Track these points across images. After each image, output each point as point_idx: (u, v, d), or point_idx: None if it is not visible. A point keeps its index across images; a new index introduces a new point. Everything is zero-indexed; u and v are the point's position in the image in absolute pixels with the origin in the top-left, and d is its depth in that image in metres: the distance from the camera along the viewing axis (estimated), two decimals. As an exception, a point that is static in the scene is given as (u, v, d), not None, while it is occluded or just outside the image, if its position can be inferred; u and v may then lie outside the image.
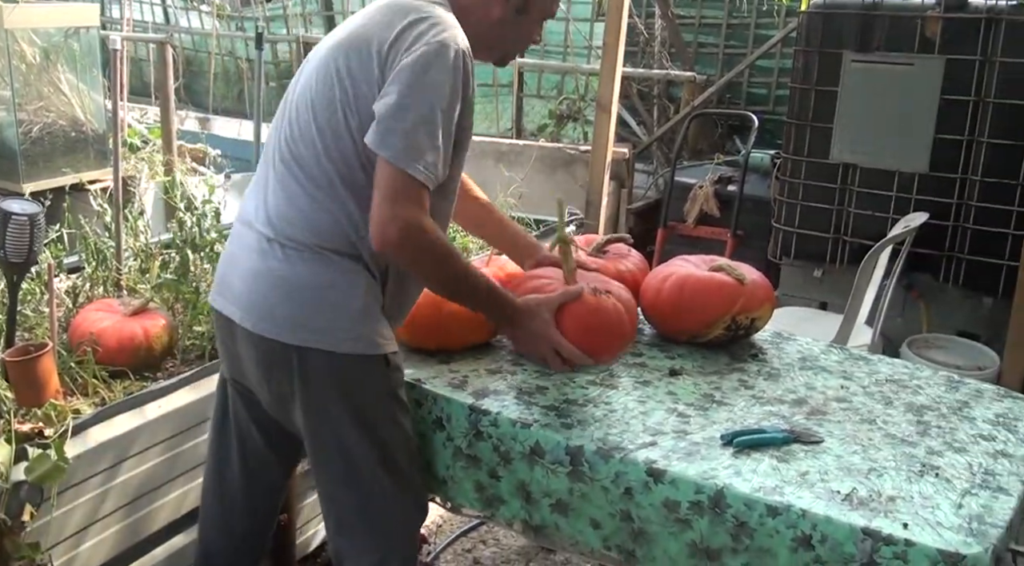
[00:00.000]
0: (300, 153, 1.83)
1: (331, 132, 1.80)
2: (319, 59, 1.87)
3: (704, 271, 2.33)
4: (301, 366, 1.82)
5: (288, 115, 1.89)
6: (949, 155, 3.88)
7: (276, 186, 1.86)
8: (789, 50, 5.75)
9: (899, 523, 1.57)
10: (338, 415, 1.86)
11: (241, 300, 1.86)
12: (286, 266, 1.81)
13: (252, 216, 1.89)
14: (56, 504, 1.93)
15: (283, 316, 1.81)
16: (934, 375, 2.26)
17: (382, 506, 1.92)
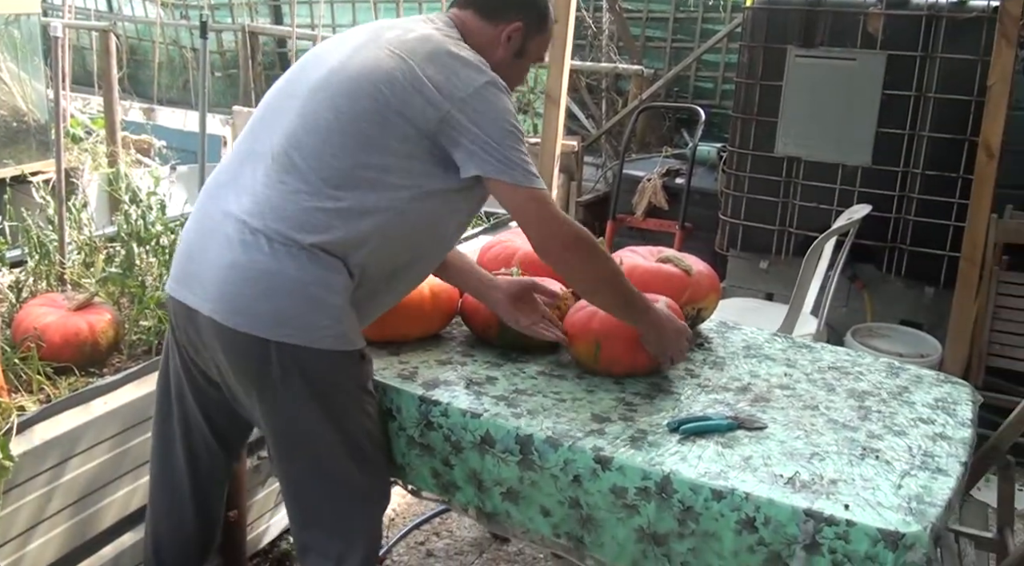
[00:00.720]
0: (311, 151, 1.82)
1: (363, 141, 1.82)
2: (357, 76, 1.85)
3: (651, 262, 2.36)
4: (280, 361, 1.80)
5: (301, 110, 1.87)
6: (891, 149, 3.97)
7: (273, 179, 1.83)
8: (735, 45, 5.82)
9: (840, 504, 1.61)
10: (311, 409, 1.85)
11: (212, 292, 1.82)
12: (271, 260, 1.78)
13: (233, 207, 1.84)
14: (2, 504, 1.90)
15: (263, 311, 1.79)
16: (875, 362, 2.31)
17: (348, 496, 1.93)
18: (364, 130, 1.82)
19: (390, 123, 1.82)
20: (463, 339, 2.31)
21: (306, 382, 1.83)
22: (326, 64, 1.91)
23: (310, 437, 1.88)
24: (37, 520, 2.03)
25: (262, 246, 1.79)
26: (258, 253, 1.79)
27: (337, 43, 1.99)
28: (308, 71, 1.94)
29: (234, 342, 1.81)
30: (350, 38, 1.97)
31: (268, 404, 1.86)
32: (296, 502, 1.97)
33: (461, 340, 2.30)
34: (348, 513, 1.94)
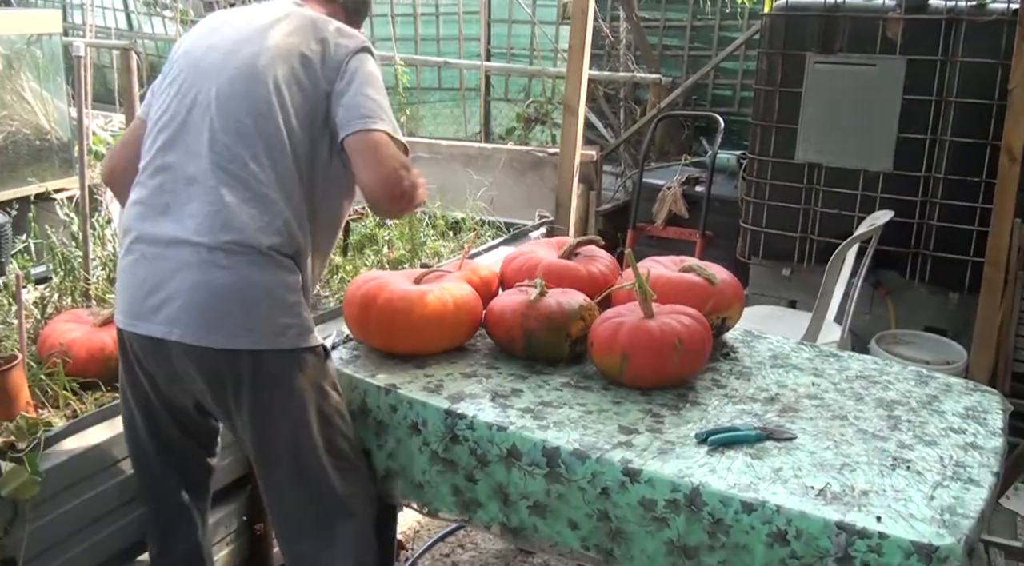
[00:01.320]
0: (235, 159, 1.88)
1: (274, 137, 1.89)
2: (242, 68, 1.93)
3: (674, 272, 2.35)
4: (255, 368, 1.86)
5: (206, 124, 1.91)
6: (913, 154, 3.94)
7: (209, 195, 1.86)
8: (753, 52, 5.79)
9: (872, 516, 1.60)
10: (287, 414, 1.91)
11: (182, 319, 1.84)
12: (229, 273, 1.83)
13: (177, 232, 1.87)
14: (30, 518, 1.91)
15: (231, 323, 1.84)
16: (903, 370, 2.29)
17: (333, 504, 1.97)
18: (282, 127, 1.90)
19: (299, 113, 1.92)
20: (487, 351, 2.30)
21: (279, 386, 1.89)
22: (222, 70, 1.95)
23: (290, 444, 1.92)
24: (64, 536, 2.04)
25: (220, 261, 1.83)
26: (218, 269, 1.83)
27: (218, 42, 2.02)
28: (203, 81, 1.95)
29: (211, 361, 1.86)
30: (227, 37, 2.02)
31: (246, 415, 1.90)
32: (281, 513, 2.00)
33: (485, 352, 2.30)
34: (334, 521, 1.97)
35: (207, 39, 2.04)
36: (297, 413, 1.91)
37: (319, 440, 1.94)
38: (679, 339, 2.03)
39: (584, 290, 2.29)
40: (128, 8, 9.97)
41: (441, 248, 3.70)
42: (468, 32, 7.62)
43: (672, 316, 2.10)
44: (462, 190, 4.34)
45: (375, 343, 2.25)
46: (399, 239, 3.64)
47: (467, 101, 7.44)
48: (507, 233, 3.91)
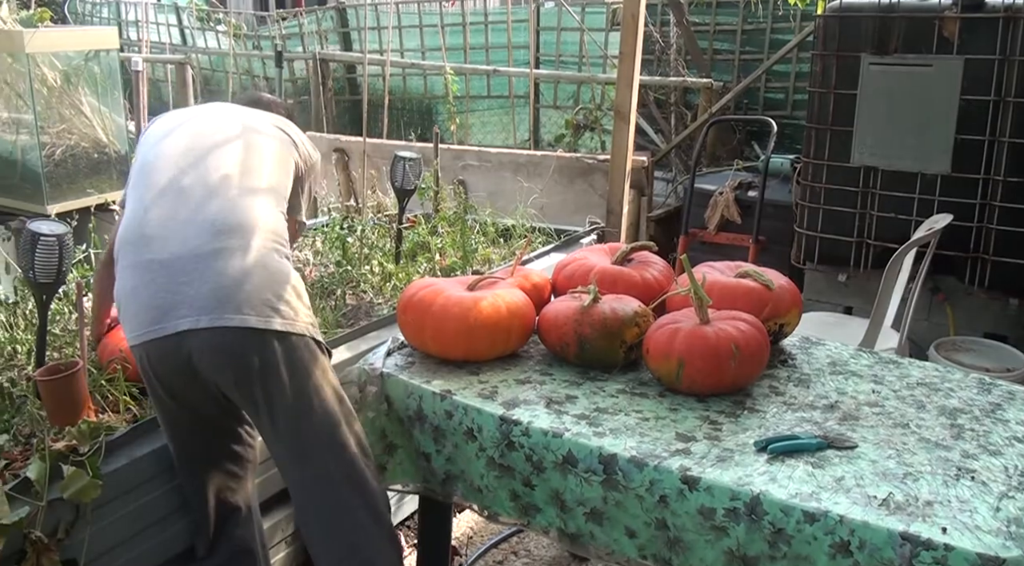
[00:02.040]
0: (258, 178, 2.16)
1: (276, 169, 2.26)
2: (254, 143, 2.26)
3: (730, 278, 2.33)
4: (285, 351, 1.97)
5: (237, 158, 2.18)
6: (971, 155, 3.86)
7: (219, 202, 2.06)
8: (805, 54, 5.73)
9: (937, 527, 1.56)
10: (320, 392, 2.02)
11: (204, 305, 1.94)
12: (258, 259, 2.00)
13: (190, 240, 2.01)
14: (91, 521, 1.95)
15: (258, 302, 1.96)
16: (965, 378, 2.24)
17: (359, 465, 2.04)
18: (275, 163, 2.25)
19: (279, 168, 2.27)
20: (540, 357, 2.30)
21: (310, 367, 1.97)
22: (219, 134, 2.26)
23: (323, 419, 2.00)
24: (125, 537, 2.07)
25: (247, 248, 1.98)
26: (244, 256, 1.99)
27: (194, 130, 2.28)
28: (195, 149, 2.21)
29: (232, 342, 1.93)
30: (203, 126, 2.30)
31: (275, 400, 1.96)
32: (308, 513, 2.04)
33: (538, 358, 2.29)
34: (364, 522, 2.00)
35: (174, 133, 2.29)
36: (325, 394, 2.02)
37: (341, 421, 2.03)
38: (736, 345, 2.01)
39: (638, 296, 2.27)
40: (182, 24, 10.17)
41: (492, 255, 3.70)
42: (517, 40, 7.64)
43: (729, 322, 2.07)
44: (512, 197, 4.35)
45: (430, 349, 2.26)
46: (450, 246, 3.66)
47: (516, 109, 7.45)
48: (558, 239, 3.90)
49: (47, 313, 2.36)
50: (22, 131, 4.52)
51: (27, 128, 4.48)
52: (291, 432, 2.01)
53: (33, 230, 2.26)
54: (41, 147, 4.40)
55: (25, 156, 4.52)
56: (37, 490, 1.86)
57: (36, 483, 1.86)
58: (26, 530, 1.83)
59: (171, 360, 2.00)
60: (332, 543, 2.02)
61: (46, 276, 2.28)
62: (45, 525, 1.86)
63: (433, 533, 2.42)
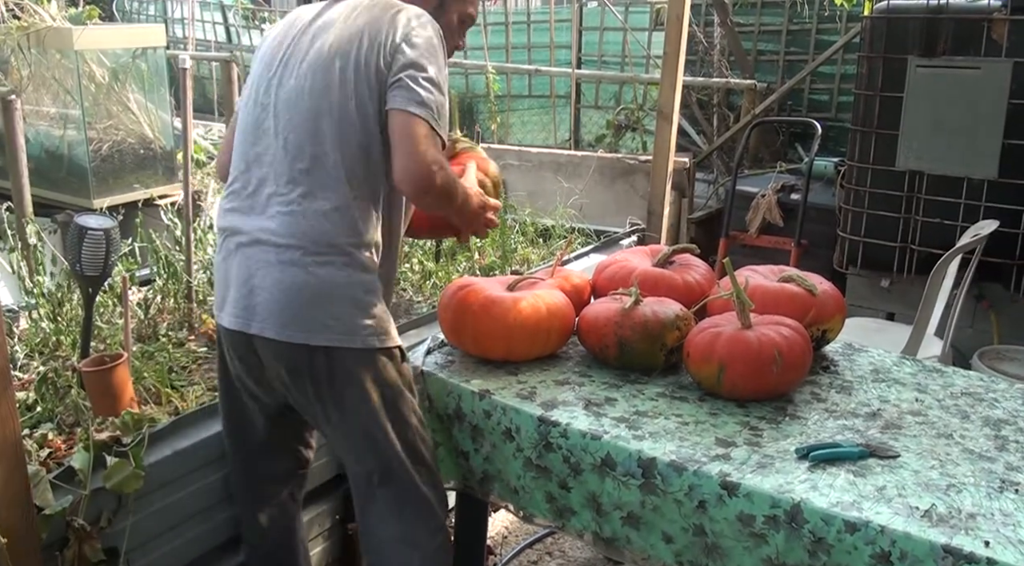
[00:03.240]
0: (308, 157, 1.90)
1: (341, 133, 1.90)
2: (312, 61, 1.94)
3: (773, 282, 2.30)
4: (329, 365, 1.90)
5: (283, 121, 1.94)
6: (1019, 161, 3.79)
7: (285, 196, 1.91)
8: (851, 56, 5.67)
9: (980, 541, 1.53)
10: (368, 410, 1.94)
11: (262, 313, 1.91)
12: (306, 272, 1.88)
13: (258, 232, 1.92)
14: (133, 510, 1.97)
15: (308, 319, 1.88)
16: (1010, 388, 2.20)
17: (415, 493, 1.99)
18: (345, 123, 1.89)
19: (361, 104, 1.89)
20: (579, 359, 2.29)
21: (357, 383, 1.92)
22: (293, 66, 1.96)
23: (370, 439, 1.95)
24: (166, 527, 2.10)
25: (297, 261, 1.88)
26: (295, 268, 1.88)
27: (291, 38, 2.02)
28: (280, 77, 1.98)
29: (288, 354, 1.90)
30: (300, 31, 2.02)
31: (327, 408, 1.94)
32: (364, 508, 2.03)
33: (577, 360, 2.29)
34: (415, 522, 1.99)
35: (280, 37, 2.06)
36: (371, 411, 1.94)
37: (395, 439, 1.97)
38: (778, 351, 1.99)
39: (679, 299, 2.26)
40: (227, 22, 10.27)
41: (531, 255, 3.70)
42: (559, 40, 7.63)
43: (771, 327, 2.05)
44: (551, 197, 4.34)
45: (469, 349, 2.26)
46: (490, 246, 3.66)
47: (557, 108, 7.44)
48: (597, 240, 3.89)
49: (92, 305, 2.40)
50: (70, 126, 4.60)
51: (75, 124, 4.56)
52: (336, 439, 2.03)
53: (81, 224, 2.30)
54: (88, 142, 4.48)
55: (72, 151, 4.60)
56: (81, 479, 1.89)
57: (80, 472, 1.89)
58: (69, 518, 1.86)
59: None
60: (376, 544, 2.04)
61: (93, 269, 2.31)
62: (88, 514, 1.89)
63: (469, 531, 2.42)
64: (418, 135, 1.85)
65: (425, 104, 1.86)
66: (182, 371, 2.60)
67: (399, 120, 1.87)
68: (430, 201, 1.93)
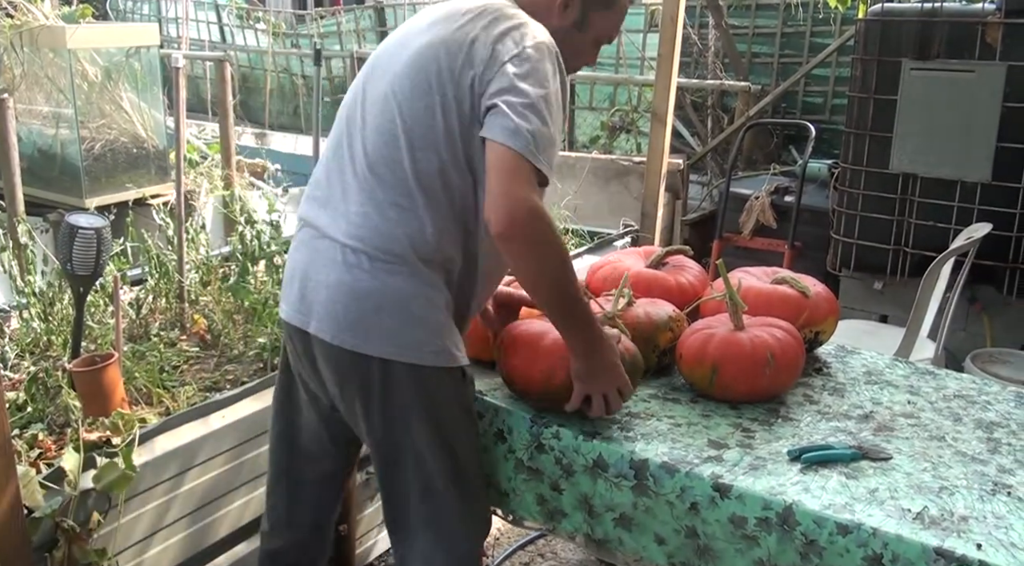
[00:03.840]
0: (385, 161, 1.80)
1: (421, 139, 1.79)
2: (405, 63, 1.83)
3: (766, 284, 2.30)
4: (383, 378, 1.81)
5: (367, 122, 1.86)
6: (1012, 164, 3.80)
7: (360, 196, 1.82)
8: (845, 58, 5.68)
9: (972, 543, 1.53)
10: (417, 428, 1.85)
11: (319, 312, 1.83)
12: (373, 279, 1.78)
13: (329, 228, 1.84)
14: (123, 511, 1.97)
15: (367, 328, 1.79)
16: (1003, 390, 2.20)
17: (450, 518, 1.92)
18: (426, 129, 1.77)
19: (447, 113, 1.77)
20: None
21: (411, 398, 1.82)
22: (389, 68, 1.87)
23: (416, 455, 1.87)
24: (156, 528, 2.10)
25: (363, 265, 1.78)
26: (361, 272, 1.78)
27: (397, 40, 1.93)
28: (375, 78, 1.90)
29: (339, 359, 1.82)
30: (405, 34, 1.92)
31: (373, 420, 1.86)
32: (396, 523, 1.96)
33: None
34: (449, 535, 1.92)
35: (392, 37, 1.96)
36: (426, 431, 1.85)
37: (445, 460, 1.87)
38: (771, 353, 1.98)
39: (672, 301, 2.26)
40: (222, 21, 10.27)
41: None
42: (553, 41, 7.61)
43: (764, 329, 2.05)
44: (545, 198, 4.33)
45: (461, 350, 2.25)
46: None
47: (551, 110, 7.43)
48: (591, 242, 3.89)
49: (83, 305, 2.39)
50: (62, 125, 4.59)
51: (67, 122, 4.55)
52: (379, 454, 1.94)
53: (71, 223, 2.29)
54: (81, 141, 4.47)
55: (65, 150, 4.59)
56: (71, 480, 1.88)
57: (70, 473, 1.89)
58: (58, 519, 1.85)
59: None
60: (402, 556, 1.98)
61: (84, 269, 2.31)
62: (77, 515, 1.88)
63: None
64: (506, 169, 1.70)
65: (519, 133, 1.69)
66: (173, 371, 2.60)
67: (490, 151, 1.72)
68: (516, 248, 1.73)
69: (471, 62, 1.77)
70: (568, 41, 1.92)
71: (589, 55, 2.04)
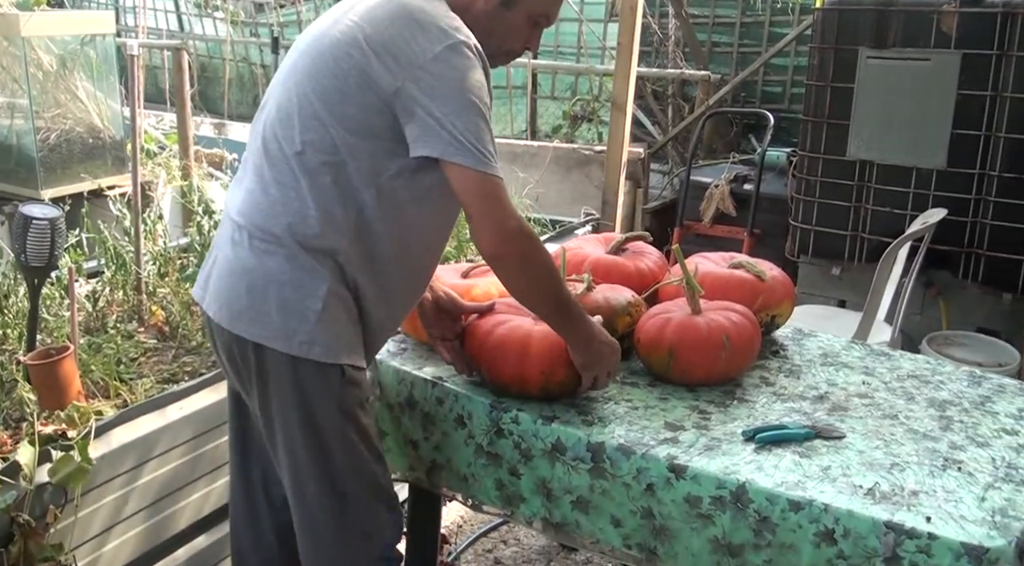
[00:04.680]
0: (276, 138, 1.75)
1: (311, 120, 1.71)
2: (322, 51, 1.74)
3: (723, 268, 2.33)
4: (258, 363, 1.74)
5: (270, 99, 1.82)
6: (967, 150, 3.85)
7: (253, 174, 1.78)
8: (804, 47, 5.73)
9: (922, 517, 1.56)
10: (290, 422, 1.76)
11: (211, 289, 1.81)
12: (251, 257, 1.73)
13: (230, 205, 1.83)
14: (79, 505, 1.95)
15: (241, 309, 1.74)
16: (956, 370, 2.24)
17: (324, 532, 1.82)
18: (329, 111, 1.70)
19: (350, 101, 1.69)
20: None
21: (284, 388, 1.74)
22: (297, 48, 1.83)
23: (289, 449, 1.78)
24: (113, 522, 2.08)
25: (244, 243, 1.75)
26: (241, 250, 1.75)
27: (316, 23, 1.87)
28: (290, 64, 1.84)
29: (224, 339, 1.79)
30: (325, 17, 1.85)
31: (254, 406, 1.81)
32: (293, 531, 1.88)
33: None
34: (325, 557, 1.84)
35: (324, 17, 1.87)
36: (298, 427, 1.75)
37: (316, 462, 1.77)
38: (727, 336, 2.01)
39: (632, 286, 2.27)
40: (179, 10, 10.13)
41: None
42: (515, 30, 7.60)
43: (720, 313, 2.07)
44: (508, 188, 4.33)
45: (422, 336, 2.25)
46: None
47: (513, 99, 7.44)
48: (553, 230, 3.90)
49: (38, 297, 2.37)
50: (17, 115, 4.52)
51: (22, 112, 4.48)
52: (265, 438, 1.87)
53: (25, 213, 2.26)
54: (36, 132, 4.40)
55: (20, 140, 4.52)
56: (26, 474, 1.86)
57: (25, 467, 1.87)
58: (14, 514, 1.83)
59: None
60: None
61: (38, 260, 2.28)
62: (33, 509, 1.86)
63: (423, 522, 2.42)
64: (474, 192, 1.69)
65: (466, 148, 1.65)
66: (131, 363, 2.58)
67: (448, 172, 1.68)
68: (506, 269, 1.77)
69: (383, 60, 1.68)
70: (497, 21, 1.81)
71: (525, 37, 1.87)
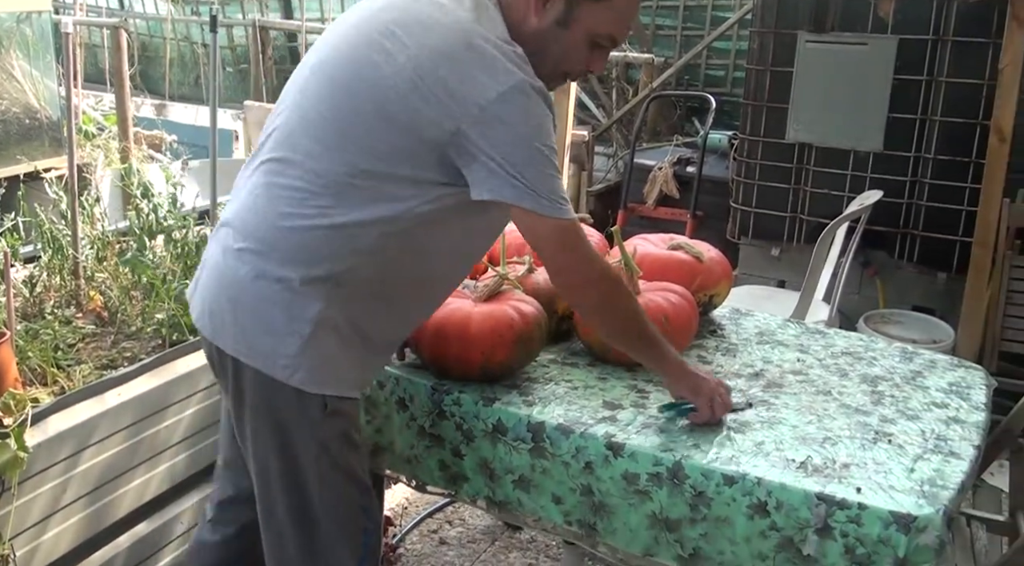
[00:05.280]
0: (292, 151, 1.62)
1: (360, 144, 1.58)
2: (360, 73, 1.60)
3: (663, 250, 2.36)
4: (236, 378, 1.67)
5: (294, 113, 1.66)
6: (903, 134, 3.94)
7: (258, 183, 1.66)
8: (746, 32, 5.79)
9: (852, 488, 1.61)
10: (264, 443, 1.69)
11: (196, 293, 1.75)
12: (240, 267, 1.63)
13: (229, 207, 1.73)
14: (17, 494, 1.92)
15: (224, 321, 1.66)
16: (889, 347, 2.30)
17: (291, 555, 1.73)
18: (362, 132, 1.57)
19: (393, 129, 1.56)
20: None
21: (259, 409, 1.67)
22: (331, 57, 1.67)
23: (260, 471, 1.72)
24: (52, 510, 2.05)
25: (236, 252, 1.64)
26: (233, 261, 1.64)
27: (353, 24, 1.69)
28: (318, 51, 1.71)
29: (207, 347, 1.74)
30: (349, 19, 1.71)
31: (235, 421, 1.75)
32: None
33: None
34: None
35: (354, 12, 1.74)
36: (273, 450, 1.68)
37: (287, 491, 1.69)
38: (665, 316, 2.04)
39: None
40: (119, -12, 9.91)
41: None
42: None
43: (658, 293, 2.10)
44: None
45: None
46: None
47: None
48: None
49: (-29, 282, 2.31)
50: (-52, 96, 4.40)
51: (-47, 93, 4.36)
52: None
53: (-45, 197, 2.21)
54: (-32, 113, 4.29)
55: (-48, 122, 4.40)
56: (-40, 462, 1.83)
57: (-41, 455, 1.84)
58: (-52, 502, 1.80)
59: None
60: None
61: (-31, 244, 2.23)
62: (-33, 497, 1.84)
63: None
64: (545, 238, 1.61)
65: (532, 194, 1.54)
66: (69, 349, 2.53)
67: (517, 220, 1.60)
68: (586, 312, 1.81)
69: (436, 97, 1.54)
70: (552, 40, 1.66)
71: (585, 59, 1.71)
